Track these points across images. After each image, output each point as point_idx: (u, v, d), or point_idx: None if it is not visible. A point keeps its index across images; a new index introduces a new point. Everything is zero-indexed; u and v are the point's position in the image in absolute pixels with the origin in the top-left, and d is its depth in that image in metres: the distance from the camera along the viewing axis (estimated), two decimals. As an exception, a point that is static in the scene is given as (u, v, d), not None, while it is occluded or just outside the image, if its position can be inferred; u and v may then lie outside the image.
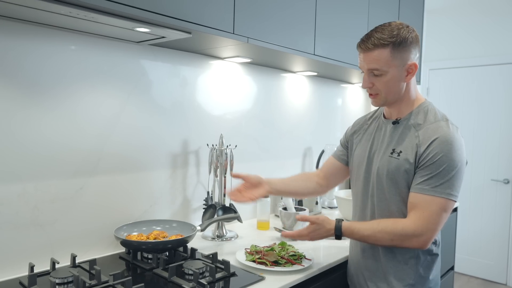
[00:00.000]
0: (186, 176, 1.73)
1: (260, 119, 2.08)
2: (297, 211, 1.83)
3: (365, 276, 1.32)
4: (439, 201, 1.13)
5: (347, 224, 1.25)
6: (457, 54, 3.85)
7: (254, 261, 1.33)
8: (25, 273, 1.22)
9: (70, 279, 1.15)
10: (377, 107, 1.42)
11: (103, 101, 1.42)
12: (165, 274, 1.23)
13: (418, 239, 1.14)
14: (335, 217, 2.12)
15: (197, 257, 1.39)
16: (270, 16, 1.53)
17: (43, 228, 1.29)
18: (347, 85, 2.78)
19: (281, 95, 2.21)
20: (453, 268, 2.58)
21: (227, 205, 1.70)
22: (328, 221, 1.27)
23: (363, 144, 1.37)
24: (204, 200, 1.73)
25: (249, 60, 1.85)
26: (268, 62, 1.95)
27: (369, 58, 1.19)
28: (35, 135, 1.25)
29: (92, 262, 1.25)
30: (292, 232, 1.30)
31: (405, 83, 1.23)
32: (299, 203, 2.06)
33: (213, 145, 1.72)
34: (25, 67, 1.23)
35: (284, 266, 1.30)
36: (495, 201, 3.64)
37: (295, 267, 1.30)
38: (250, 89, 2.01)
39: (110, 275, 1.16)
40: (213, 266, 1.24)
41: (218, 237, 1.65)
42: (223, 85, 1.87)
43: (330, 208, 2.35)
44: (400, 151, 1.21)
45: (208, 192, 1.75)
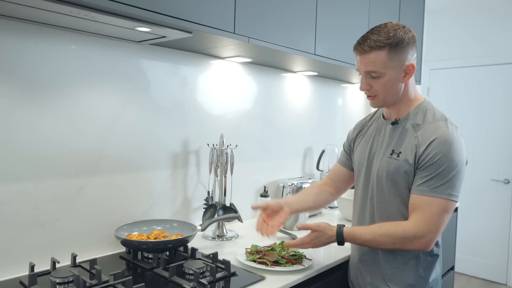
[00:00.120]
0: (186, 175, 1.73)
1: (260, 119, 2.08)
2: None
3: (366, 276, 1.32)
4: (440, 202, 1.12)
5: (348, 229, 1.24)
6: (457, 54, 3.85)
7: (254, 261, 1.33)
8: (26, 272, 1.22)
9: (70, 279, 1.15)
10: (376, 108, 1.42)
11: (103, 101, 1.42)
12: (166, 274, 1.23)
13: (420, 241, 1.13)
14: (336, 217, 2.15)
15: (198, 257, 1.39)
16: (270, 16, 1.53)
17: (44, 227, 1.29)
18: (348, 85, 2.78)
19: (281, 95, 2.21)
20: (453, 268, 2.58)
21: (228, 204, 1.71)
22: (329, 228, 1.26)
23: (363, 145, 1.37)
24: (204, 199, 1.74)
25: (249, 60, 1.85)
26: (268, 62, 1.95)
27: (366, 60, 1.18)
28: (34, 135, 1.25)
29: (92, 261, 1.25)
30: (294, 241, 1.29)
31: (403, 84, 1.22)
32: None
33: (213, 145, 1.72)
34: (23, 65, 1.22)
35: (284, 266, 1.30)
36: (495, 201, 3.64)
37: (296, 267, 1.30)
38: (250, 89, 2.01)
39: (110, 275, 1.16)
40: (214, 266, 1.24)
41: (218, 236, 1.65)
42: (223, 85, 1.87)
43: (330, 208, 2.35)
44: (399, 152, 1.21)
45: (208, 191, 1.75)
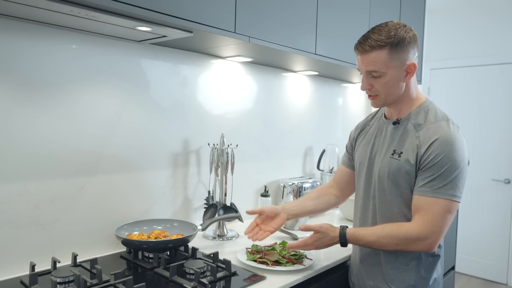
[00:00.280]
0: (187, 175, 1.73)
1: (261, 118, 2.08)
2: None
3: (367, 277, 1.31)
4: (443, 203, 1.12)
5: (351, 231, 1.23)
6: (458, 53, 3.85)
7: (255, 261, 1.32)
8: (26, 272, 1.22)
9: (71, 278, 1.15)
10: (378, 108, 1.41)
11: (103, 100, 1.42)
12: (166, 273, 1.23)
13: (423, 242, 1.13)
14: (336, 217, 2.15)
15: (198, 256, 1.38)
16: (271, 15, 1.53)
17: (44, 227, 1.29)
18: (348, 85, 2.78)
19: (282, 95, 2.21)
20: (453, 268, 2.58)
21: (228, 204, 1.70)
22: (332, 229, 1.26)
23: (364, 145, 1.36)
24: (205, 199, 1.73)
25: (250, 59, 1.85)
26: (269, 61, 1.95)
27: (367, 60, 1.18)
28: (34, 134, 1.25)
29: (93, 261, 1.25)
30: (297, 242, 1.28)
31: (405, 83, 1.21)
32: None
33: (214, 145, 1.72)
34: (21, 65, 1.22)
35: (285, 265, 1.30)
36: (496, 201, 3.64)
37: (296, 267, 1.30)
38: (251, 88, 2.01)
39: (111, 275, 1.16)
40: (214, 265, 1.24)
41: (219, 236, 1.65)
42: (224, 85, 1.86)
43: (331, 207, 2.34)
44: (401, 152, 1.20)
45: (209, 191, 1.75)
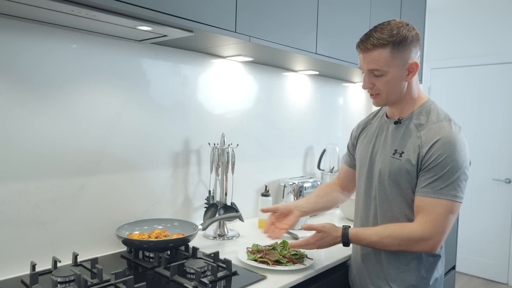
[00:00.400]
0: (187, 175, 1.73)
1: (261, 118, 2.08)
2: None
3: (367, 277, 1.31)
4: (445, 204, 1.12)
5: (354, 230, 1.23)
6: (458, 53, 3.84)
7: (255, 260, 1.32)
8: (27, 271, 1.22)
9: (71, 278, 1.15)
10: (379, 107, 1.41)
11: (104, 100, 1.42)
12: (167, 273, 1.23)
13: (426, 243, 1.13)
14: (337, 216, 2.15)
15: (199, 256, 1.38)
16: (272, 14, 1.52)
17: (45, 227, 1.29)
18: (349, 84, 2.78)
19: (282, 94, 2.21)
20: (454, 267, 2.58)
21: (229, 204, 1.70)
22: (334, 229, 1.25)
23: (365, 144, 1.36)
24: (205, 199, 1.73)
25: (250, 59, 1.85)
26: (269, 61, 1.95)
27: (369, 58, 1.17)
28: (35, 134, 1.25)
29: (93, 261, 1.25)
30: (299, 241, 1.28)
31: (407, 83, 1.21)
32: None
33: (214, 144, 1.72)
34: (20, 64, 1.21)
35: (285, 265, 1.30)
36: (497, 200, 3.64)
37: (297, 266, 1.30)
38: (251, 88, 2.01)
39: (111, 274, 1.16)
40: (215, 265, 1.24)
41: (219, 236, 1.65)
42: (224, 84, 1.86)
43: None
44: (402, 152, 1.20)
45: (209, 191, 1.75)
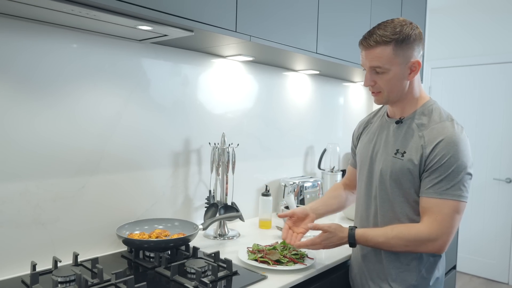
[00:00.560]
0: (188, 174, 1.73)
1: (262, 117, 2.08)
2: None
3: (368, 277, 1.31)
4: (451, 204, 1.12)
5: (360, 231, 1.23)
6: (459, 53, 3.84)
7: (256, 260, 1.32)
8: (27, 271, 1.22)
9: (72, 278, 1.15)
10: (381, 105, 1.41)
11: (104, 100, 1.42)
12: (167, 273, 1.23)
13: (433, 243, 1.13)
14: (337, 216, 2.14)
15: (199, 256, 1.38)
16: (272, 14, 1.52)
17: (45, 226, 1.29)
18: (349, 84, 2.78)
19: (283, 94, 2.20)
20: (455, 267, 2.58)
21: (229, 203, 1.70)
22: (340, 229, 1.25)
23: (366, 143, 1.36)
24: (206, 198, 1.73)
25: (251, 58, 1.84)
26: (270, 60, 1.95)
27: (371, 55, 1.17)
28: (35, 134, 1.25)
29: (94, 260, 1.25)
30: (305, 241, 1.27)
31: (408, 81, 1.21)
32: (301, 202, 2.05)
33: (215, 144, 1.72)
34: (20, 63, 1.21)
35: (286, 265, 1.30)
36: (497, 200, 3.63)
37: (298, 266, 1.30)
38: (252, 87, 2.01)
39: (112, 274, 1.15)
40: (215, 265, 1.23)
41: (220, 236, 1.65)
42: (225, 84, 1.86)
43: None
44: (404, 152, 1.20)
45: (210, 190, 1.74)
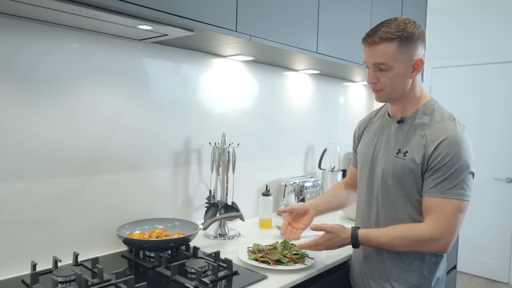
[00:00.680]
0: (188, 174, 1.73)
1: (262, 117, 2.08)
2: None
3: (369, 277, 1.31)
4: (455, 203, 1.12)
5: (363, 232, 1.22)
6: (459, 52, 3.83)
7: (256, 260, 1.32)
8: (27, 271, 1.22)
9: (72, 278, 1.15)
10: (382, 105, 1.41)
11: (104, 99, 1.41)
12: (168, 272, 1.23)
13: (437, 243, 1.12)
14: (338, 216, 2.14)
15: (200, 255, 1.38)
16: (273, 14, 1.52)
17: (45, 226, 1.29)
18: (350, 84, 2.77)
19: (283, 94, 2.20)
20: (455, 267, 2.57)
21: (229, 203, 1.70)
22: (343, 230, 1.24)
23: (367, 143, 1.35)
24: (206, 198, 1.73)
25: (251, 58, 1.84)
26: (270, 60, 1.94)
27: (375, 52, 1.16)
28: (35, 133, 1.25)
29: (94, 260, 1.25)
30: (308, 242, 1.27)
31: (411, 80, 1.21)
32: (302, 202, 2.05)
33: (215, 144, 1.72)
34: (21, 63, 1.21)
35: (286, 265, 1.30)
36: (498, 200, 3.63)
37: (298, 266, 1.29)
38: (252, 87, 2.01)
39: (112, 274, 1.15)
40: (216, 264, 1.23)
41: (220, 235, 1.65)
42: (225, 83, 1.86)
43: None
44: (406, 151, 1.19)
45: (210, 190, 1.74)
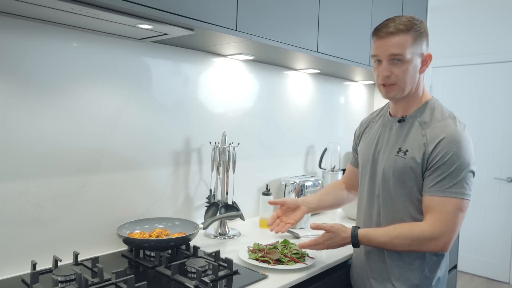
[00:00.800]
0: (188, 174, 1.73)
1: (262, 117, 2.08)
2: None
3: (370, 276, 1.31)
4: (455, 202, 1.11)
5: (363, 231, 1.22)
6: (460, 52, 3.83)
7: (257, 259, 1.32)
8: (27, 270, 1.22)
9: (72, 277, 1.15)
10: (383, 104, 1.41)
11: (105, 99, 1.41)
12: (168, 272, 1.23)
13: (437, 242, 1.12)
14: (338, 215, 2.14)
15: (200, 255, 1.38)
16: (273, 13, 1.52)
17: (45, 225, 1.29)
18: (350, 83, 2.77)
19: (283, 93, 2.20)
20: (456, 266, 2.57)
21: (230, 203, 1.70)
22: (343, 229, 1.24)
23: (368, 142, 1.35)
24: (206, 198, 1.73)
25: (251, 57, 1.84)
26: (271, 59, 1.94)
27: (391, 43, 1.14)
28: (36, 133, 1.25)
29: (94, 260, 1.25)
30: (308, 241, 1.27)
31: (419, 76, 1.21)
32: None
33: (215, 143, 1.72)
34: (24, 63, 1.21)
35: (287, 264, 1.30)
36: (498, 199, 3.63)
37: (298, 265, 1.29)
38: (252, 86, 2.01)
39: (112, 273, 1.15)
40: (216, 264, 1.23)
41: (220, 235, 1.65)
42: (225, 83, 1.86)
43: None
44: (406, 150, 1.19)
45: (210, 190, 1.74)
